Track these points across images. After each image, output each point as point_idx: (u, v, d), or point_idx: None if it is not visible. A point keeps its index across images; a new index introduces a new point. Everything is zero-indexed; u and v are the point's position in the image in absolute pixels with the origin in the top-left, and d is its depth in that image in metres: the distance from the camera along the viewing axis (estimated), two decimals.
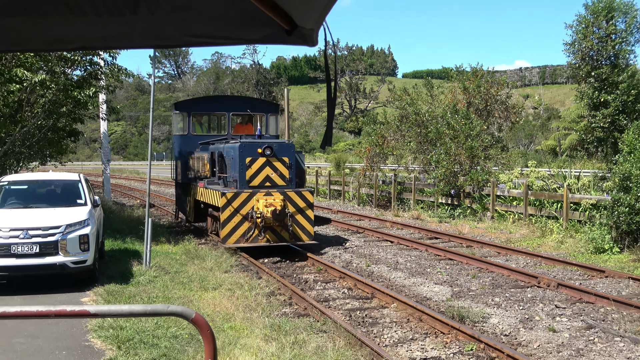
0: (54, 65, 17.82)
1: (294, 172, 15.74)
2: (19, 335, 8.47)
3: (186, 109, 20.62)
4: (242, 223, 14.84)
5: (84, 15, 2.17)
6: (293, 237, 15.21)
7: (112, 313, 3.31)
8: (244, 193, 14.85)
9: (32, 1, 2.17)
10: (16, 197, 12.54)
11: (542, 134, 65.54)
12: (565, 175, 23.38)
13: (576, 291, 11.31)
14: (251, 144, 15.41)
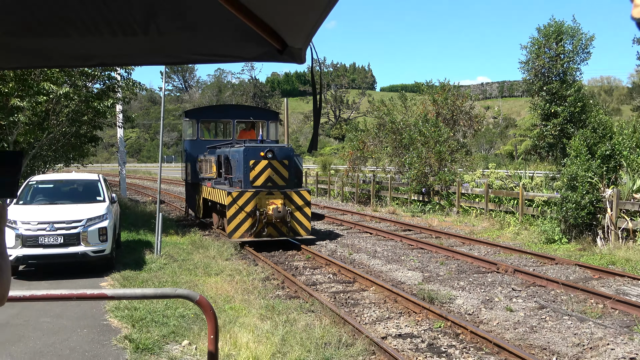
0: (77, 79, 17.78)
1: (293, 173, 15.40)
2: (45, 315, 8.43)
3: (195, 116, 20.25)
4: (247, 219, 14.54)
5: (102, 35, 2.16)
6: (292, 232, 14.99)
7: (127, 295, 3.30)
8: (248, 192, 14.55)
9: (56, 24, 2.16)
10: (43, 195, 12.49)
11: (501, 140, 65.92)
12: (520, 176, 23.45)
13: (530, 276, 11.37)
14: (254, 148, 15.07)
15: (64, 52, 2.48)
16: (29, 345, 7.21)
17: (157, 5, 1.94)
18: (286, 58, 1.83)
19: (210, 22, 1.94)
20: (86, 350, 7.07)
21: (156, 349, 7.03)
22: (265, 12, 1.64)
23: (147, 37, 2.14)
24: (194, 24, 2.02)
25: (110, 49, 2.37)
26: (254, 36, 1.81)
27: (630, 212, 14.19)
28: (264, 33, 1.75)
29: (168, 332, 7.57)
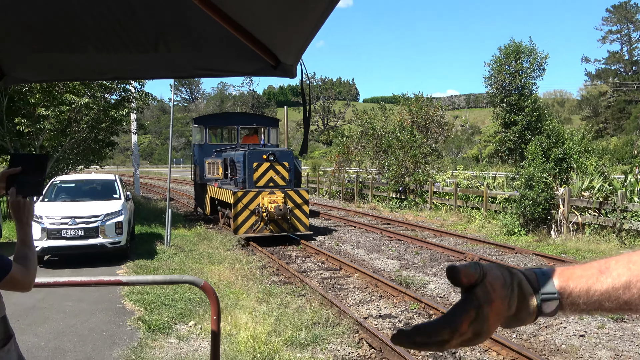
0: (96, 91, 17.70)
1: (292, 174, 14.91)
2: (68, 300, 8.36)
3: (203, 123, 19.71)
4: (250, 217, 14.08)
5: (117, 52, 2.15)
6: (292, 228, 14.52)
7: (140, 282, 3.27)
8: (252, 192, 14.07)
9: (77, 43, 2.15)
10: (66, 193, 12.41)
11: (468, 145, 66.16)
12: (484, 176, 23.55)
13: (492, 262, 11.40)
14: (258, 151, 14.58)
15: (84, 67, 2.47)
16: (53, 326, 7.15)
17: (166, 27, 1.92)
18: (279, 73, 1.82)
19: (212, 41, 1.93)
20: (104, 330, 7.02)
21: (166, 328, 6.99)
22: (261, 33, 1.63)
23: (157, 54, 2.13)
24: (198, 43, 2.01)
25: (124, 64, 2.36)
26: (251, 54, 1.81)
27: (579, 208, 14.28)
28: (260, 51, 1.74)
29: (176, 314, 7.53)
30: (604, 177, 15.07)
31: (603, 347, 6.61)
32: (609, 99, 67.50)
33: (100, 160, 23.40)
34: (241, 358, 5.77)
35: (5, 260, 1.97)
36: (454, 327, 0.87)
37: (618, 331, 7.12)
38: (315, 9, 1.27)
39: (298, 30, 1.50)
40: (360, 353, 6.52)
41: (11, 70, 2.38)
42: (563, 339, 6.93)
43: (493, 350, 6.54)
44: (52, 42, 2.17)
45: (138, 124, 24.92)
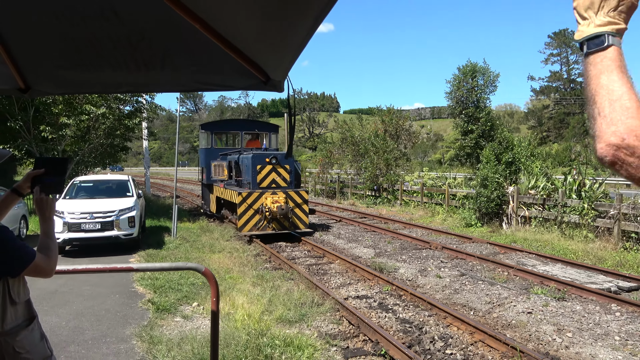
0: (111, 102, 17.51)
1: (293, 176, 14.03)
2: (86, 285, 8.24)
3: (210, 128, 18.64)
4: (254, 216, 13.14)
5: (129, 69, 2.14)
6: (293, 226, 13.60)
7: (149, 268, 3.23)
8: (255, 192, 13.13)
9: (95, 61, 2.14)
10: (85, 191, 12.23)
11: (432, 150, 66.55)
12: (446, 177, 23.72)
13: (454, 251, 11.46)
14: (261, 155, 13.80)
15: (101, 82, 2.45)
16: (73, 308, 7.03)
17: (171, 48, 1.91)
18: (269, 88, 1.82)
19: (212, 60, 1.92)
20: (118, 311, 6.93)
21: (172, 309, 6.91)
22: (253, 54, 1.62)
23: (164, 71, 2.12)
24: (199, 62, 2.00)
25: (136, 79, 2.34)
26: (245, 71, 1.80)
27: (526, 203, 14.43)
28: (253, 69, 1.73)
29: (182, 296, 7.46)
30: (547, 177, 15.24)
31: (547, 322, 6.68)
32: (551, 111, 68.29)
33: (115, 163, 23.10)
34: (238, 334, 5.72)
35: (29, 250, 1.96)
36: None
37: (560, 309, 7.20)
38: (299, 33, 1.26)
39: (285, 51, 1.49)
40: (340, 329, 6.51)
41: (36, 84, 2.36)
42: (513, 315, 6.99)
43: (454, 325, 6.57)
44: (73, 61, 2.16)
45: (149, 131, 24.71)
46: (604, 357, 5.52)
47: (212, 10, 1.46)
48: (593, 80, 1.00)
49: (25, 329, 2.00)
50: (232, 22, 1.44)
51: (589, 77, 1.01)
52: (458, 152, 41.19)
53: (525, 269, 9.43)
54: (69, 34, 1.84)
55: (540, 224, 13.73)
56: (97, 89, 3.27)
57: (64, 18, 1.72)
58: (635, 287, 8.36)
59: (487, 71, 37.67)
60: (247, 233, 13.12)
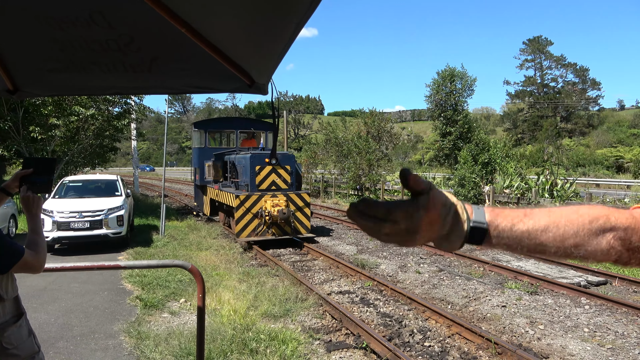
0: (101, 104, 17.28)
1: (294, 177, 12.72)
2: (75, 282, 8.13)
3: (203, 127, 17.18)
4: (253, 220, 11.90)
5: (117, 72, 2.13)
6: (294, 231, 12.32)
7: (136, 266, 3.20)
8: (254, 195, 11.86)
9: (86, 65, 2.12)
10: (74, 191, 12.05)
11: (412, 151, 66.99)
12: (426, 177, 23.91)
13: (433, 248, 11.52)
14: (260, 155, 12.47)
15: (89, 84, 2.42)
16: (62, 305, 6.93)
17: (160, 52, 1.91)
18: (254, 91, 1.83)
19: (198, 64, 1.92)
20: (106, 307, 6.84)
21: (160, 305, 6.86)
22: (238, 57, 1.63)
23: (152, 74, 2.11)
24: (187, 65, 2.00)
25: (124, 82, 2.32)
26: (230, 74, 1.80)
27: (502, 202, 14.63)
28: (237, 72, 1.73)
29: (169, 293, 7.40)
30: (521, 177, 15.48)
31: (520, 315, 6.78)
32: (525, 114, 69.26)
33: (104, 163, 22.78)
34: (224, 329, 5.70)
35: (18, 247, 1.95)
36: (390, 210, 0.86)
37: (532, 302, 7.32)
38: (281, 38, 1.27)
39: (268, 55, 1.50)
40: (323, 323, 6.52)
41: (24, 86, 2.33)
42: (488, 309, 7.08)
43: (432, 319, 6.63)
44: (62, 64, 2.14)
45: (137, 132, 24.35)
46: (574, 348, 5.63)
47: (198, 16, 1.46)
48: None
49: (14, 325, 1.98)
50: (217, 26, 1.44)
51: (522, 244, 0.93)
52: (437, 153, 41.56)
53: (500, 264, 9.56)
54: (58, 37, 1.83)
55: None
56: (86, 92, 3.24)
57: (52, 21, 1.71)
58: (604, 281, 8.54)
59: (465, 76, 38.13)
60: (245, 239, 11.79)
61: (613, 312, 6.85)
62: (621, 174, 38.16)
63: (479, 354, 5.50)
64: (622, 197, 13.88)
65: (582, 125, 63.51)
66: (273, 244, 12.27)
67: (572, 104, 64.86)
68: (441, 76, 38.31)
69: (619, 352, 5.53)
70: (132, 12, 1.54)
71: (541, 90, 70.15)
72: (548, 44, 70.32)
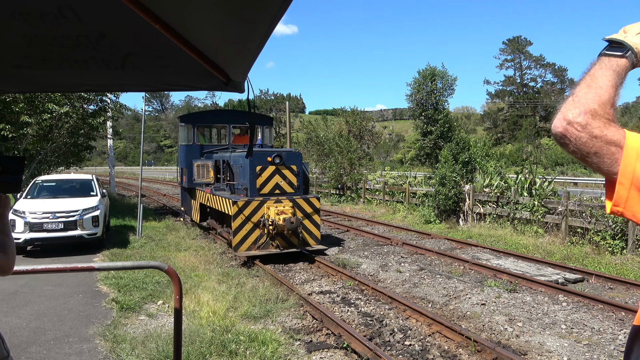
0: (75, 101, 16.94)
1: (301, 179, 10.95)
2: (48, 284, 7.96)
3: (191, 121, 15.00)
4: (253, 231, 10.20)
5: (88, 68, 2.08)
6: (302, 242, 10.60)
7: (110, 267, 3.14)
8: (255, 201, 10.18)
9: (54, 59, 2.08)
10: (47, 191, 11.80)
11: (394, 150, 67.41)
12: (407, 175, 24.09)
13: (414, 247, 11.64)
14: (261, 153, 10.75)
15: (61, 81, 2.37)
16: (34, 309, 6.78)
17: (132, 48, 1.88)
18: (230, 88, 1.81)
19: (173, 61, 1.90)
20: (81, 310, 6.72)
21: (137, 307, 6.77)
22: (213, 55, 1.61)
23: (124, 70, 2.08)
24: (161, 62, 1.97)
25: (96, 79, 2.28)
26: (206, 72, 1.78)
27: (481, 201, 14.82)
28: (214, 70, 1.72)
29: (146, 295, 7.30)
30: (500, 176, 15.70)
31: (500, 313, 6.88)
32: (505, 113, 70.35)
33: (79, 162, 22.34)
34: (203, 331, 5.65)
35: None
36: None
37: (511, 300, 7.44)
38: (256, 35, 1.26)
39: (243, 52, 1.49)
40: (304, 323, 6.52)
41: None
42: (468, 307, 7.17)
43: (413, 318, 6.69)
44: (32, 60, 2.09)
45: (113, 130, 23.98)
46: (552, 345, 5.74)
47: (172, 11, 1.44)
48: (589, 71, 1.05)
49: None
50: (191, 22, 1.43)
51: (588, 71, 1.06)
52: (418, 152, 41.93)
53: (480, 263, 9.68)
54: (27, 32, 1.78)
55: (494, 220, 14.12)
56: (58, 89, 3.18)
57: (20, 16, 1.66)
58: (581, 278, 8.72)
59: (446, 75, 38.53)
60: (244, 254, 10.02)
61: (590, 309, 7.01)
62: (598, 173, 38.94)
63: (459, 352, 5.57)
64: (598, 195, 14.20)
65: None
66: (275, 257, 10.52)
67: (550, 103, 66.11)
68: (422, 75, 38.64)
69: (595, 347, 5.66)
70: (103, 7, 1.51)
71: (521, 90, 71.35)
72: (527, 44, 71.57)
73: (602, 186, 29.60)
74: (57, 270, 3.02)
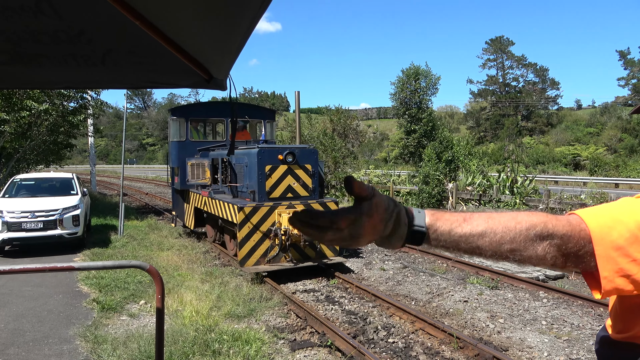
0: (55, 98, 16.64)
1: (317, 180, 9.58)
2: (27, 285, 7.83)
3: (184, 114, 12.86)
4: (262, 242, 8.76)
5: (67, 65, 2.05)
6: (319, 254, 9.23)
7: (91, 267, 3.10)
8: (265, 207, 8.72)
9: (31, 55, 2.04)
10: (26, 190, 11.59)
11: (378, 149, 67.69)
12: (391, 174, 24.22)
13: None
14: (271, 150, 9.16)
15: (39, 78, 2.33)
16: (13, 310, 6.66)
17: (112, 44, 1.85)
18: (212, 86, 1.80)
19: (154, 58, 1.87)
20: (61, 311, 6.62)
21: (119, 308, 6.69)
22: (195, 51, 1.60)
23: (105, 67, 2.05)
24: (142, 59, 1.94)
25: (74, 76, 2.25)
26: (188, 69, 1.77)
27: (464, 199, 14.99)
28: (195, 67, 1.71)
29: (128, 295, 7.23)
30: (483, 174, 15.90)
31: (482, 309, 6.98)
32: (488, 113, 71.17)
33: (59, 161, 21.99)
34: (186, 330, 5.62)
35: None
36: (333, 219, 0.92)
37: (493, 297, 7.54)
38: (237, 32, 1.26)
39: (224, 49, 1.49)
40: (288, 322, 6.52)
41: None
42: (451, 304, 7.25)
43: (396, 315, 6.73)
44: (8, 55, 2.05)
45: (94, 128, 23.64)
46: (532, 340, 5.84)
47: (152, 7, 1.43)
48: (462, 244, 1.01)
49: None
50: (172, 19, 1.42)
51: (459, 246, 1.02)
52: (402, 151, 42.20)
53: (462, 260, 9.78)
54: (3, 27, 1.75)
55: None
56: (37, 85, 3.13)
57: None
58: (561, 275, 8.88)
59: (429, 74, 38.83)
60: (252, 269, 8.55)
61: (569, 305, 7.14)
62: (578, 171, 39.79)
63: (442, 349, 5.63)
64: (578, 193, 14.46)
65: (541, 124, 65.79)
66: (298, 274, 9.09)
67: (532, 103, 67.09)
68: (406, 74, 38.89)
69: (575, 343, 5.77)
70: (82, 2, 1.49)
71: (503, 90, 72.23)
72: (509, 44, 72.45)
73: (581, 184, 30.19)
74: (35, 270, 2.97)
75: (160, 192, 29.73)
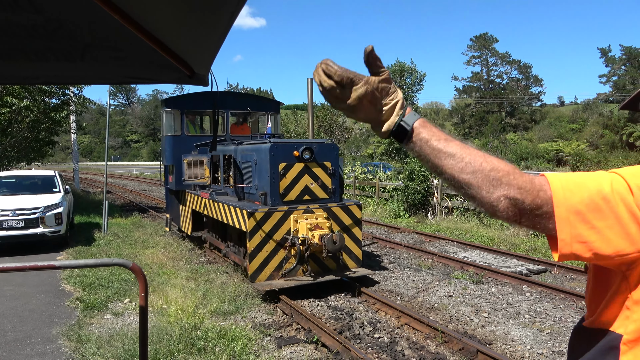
0: (36, 94, 16.36)
1: (337, 180, 8.14)
2: (8, 285, 7.70)
3: (179, 106, 11.37)
4: (276, 252, 7.48)
5: (47, 60, 2.02)
6: (341, 266, 7.83)
7: (72, 265, 3.06)
8: (279, 211, 7.47)
9: (8, 50, 2.00)
10: (7, 187, 11.38)
11: (364, 145, 67.82)
12: (377, 170, 24.26)
13: (384, 241, 11.78)
14: (285, 145, 7.76)
15: (17, 73, 2.28)
16: None
17: (92, 39, 1.83)
18: (194, 82, 1.80)
19: (135, 53, 1.86)
20: (43, 311, 6.53)
21: (102, 306, 6.62)
22: (175, 47, 1.59)
23: (84, 62, 2.02)
24: (123, 54, 1.92)
25: (53, 71, 2.22)
26: (170, 65, 1.75)
27: (449, 195, 15.11)
28: (177, 62, 1.69)
29: (112, 293, 7.16)
30: None
31: (466, 304, 7.05)
32: (473, 109, 71.76)
33: (41, 158, 21.62)
34: (171, 328, 5.58)
35: None
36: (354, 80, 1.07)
37: (477, 291, 7.62)
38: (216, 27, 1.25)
39: (204, 44, 1.48)
40: (274, 319, 6.52)
41: None
42: (436, 299, 7.31)
43: (382, 311, 6.77)
44: None
45: (77, 125, 23.31)
46: (515, 334, 5.92)
47: (132, 2, 1.41)
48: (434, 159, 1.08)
49: None
50: (151, 13, 1.40)
51: (427, 158, 1.09)
52: (388, 147, 42.32)
53: (447, 255, 9.88)
54: None
55: (462, 213, 14.42)
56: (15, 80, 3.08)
57: None
58: (544, 269, 9.01)
59: (415, 71, 39.02)
60: (265, 285, 7.21)
61: (552, 299, 7.25)
62: (561, 167, 40.37)
63: (427, 343, 5.68)
64: None
65: (525, 120, 66.54)
66: (315, 291, 7.80)
67: (516, 99, 67.80)
68: (391, 71, 39.00)
69: (557, 336, 5.86)
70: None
71: (487, 86, 72.84)
72: (494, 41, 73.05)
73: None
74: (16, 269, 2.92)
75: (145, 189, 29.45)
